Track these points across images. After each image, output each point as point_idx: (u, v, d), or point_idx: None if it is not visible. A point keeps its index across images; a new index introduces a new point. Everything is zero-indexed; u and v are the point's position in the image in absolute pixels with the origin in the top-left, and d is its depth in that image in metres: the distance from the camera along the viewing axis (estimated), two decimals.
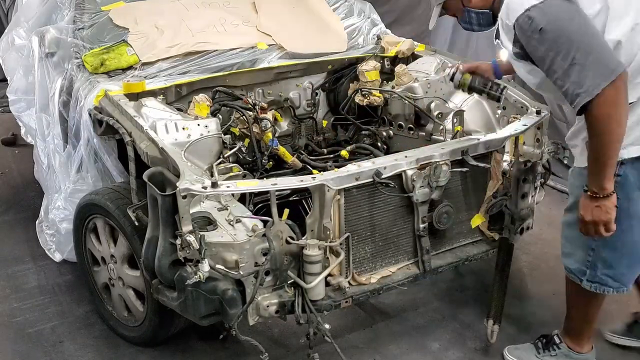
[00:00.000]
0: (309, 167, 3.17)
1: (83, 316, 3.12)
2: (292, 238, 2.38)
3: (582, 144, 2.33)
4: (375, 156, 3.06)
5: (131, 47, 3.17)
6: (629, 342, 2.87)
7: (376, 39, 3.76)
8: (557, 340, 2.71)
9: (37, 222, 3.73)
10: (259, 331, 2.90)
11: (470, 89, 2.85)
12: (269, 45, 3.43)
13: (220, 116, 3.03)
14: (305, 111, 3.56)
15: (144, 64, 3.14)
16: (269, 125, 3.04)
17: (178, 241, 2.25)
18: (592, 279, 2.46)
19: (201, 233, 2.26)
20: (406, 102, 3.24)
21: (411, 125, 3.28)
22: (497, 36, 2.41)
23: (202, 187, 2.25)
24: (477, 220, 2.87)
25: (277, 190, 2.37)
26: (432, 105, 3.21)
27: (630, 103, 2.15)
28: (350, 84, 3.54)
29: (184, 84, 3.08)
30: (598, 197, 2.19)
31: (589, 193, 2.21)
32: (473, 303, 3.13)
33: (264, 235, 2.33)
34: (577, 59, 2.07)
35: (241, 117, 3.03)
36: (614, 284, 2.45)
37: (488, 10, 2.52)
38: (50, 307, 3.20)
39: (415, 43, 3.68)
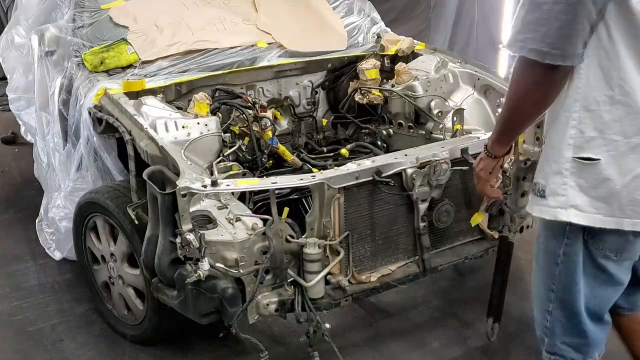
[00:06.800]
0: (308, 165, 3.17)
1: (83, 315, 3.12)
2: (292, 236, 2.38)
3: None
4: (375, 155, 3.07)
5: (131, 45, 3.17)
6: None
7: (376, 37, 3.76)
8: None
9: (37, 220, 3.73)
10: (258, 330, 2.90)
11: None
12: (269, 43, 3.43)
13: (220, 115, 3.02)
14: (305, 110, 3.56)
15: (144, 62, 3.13)
16: (269, 123, 3.03)
17: (178, 240, 2.25)
18: (550, 349, 2.02)
19: (201, 231, 2.26)
20: (406, 100, 3.24)
21: (411, 124, 3.28)
22: None
23: (202, 186, 2.25)
24: (477, 219, 2.86)
25: (277, 189, 2.37)
26: (432, 103, 3.21)
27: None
28: (350, 83, 3.54)
29: (184, 82, 3.08)
30: (488, 154, 2.03)
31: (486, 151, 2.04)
32: (473, 301, 3.13)
33: (264, 233, 2.33)
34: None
35: (241, 116, 3.03)
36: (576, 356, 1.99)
37: None
38: (50, 305, 3.19)
39: (415, 41, 3.67)
